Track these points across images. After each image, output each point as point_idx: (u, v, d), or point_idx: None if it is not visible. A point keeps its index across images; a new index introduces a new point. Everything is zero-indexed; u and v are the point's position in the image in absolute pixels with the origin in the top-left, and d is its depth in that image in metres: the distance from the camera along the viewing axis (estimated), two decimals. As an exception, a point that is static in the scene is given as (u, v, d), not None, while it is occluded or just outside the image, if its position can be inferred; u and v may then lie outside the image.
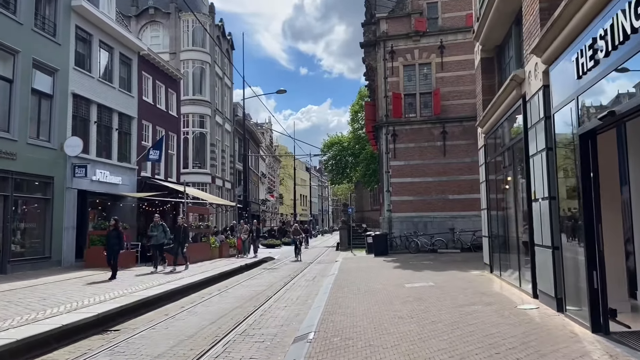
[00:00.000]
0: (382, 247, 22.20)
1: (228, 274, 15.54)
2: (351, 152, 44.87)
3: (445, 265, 15.76)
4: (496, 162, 11.54)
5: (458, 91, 24.63)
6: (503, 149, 10.47)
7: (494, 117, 10.86)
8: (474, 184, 24.12)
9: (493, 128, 11.42)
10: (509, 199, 10.66)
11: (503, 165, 10.98)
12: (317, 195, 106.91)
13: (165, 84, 26.22)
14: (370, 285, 11.33)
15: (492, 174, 12.22)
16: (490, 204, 12.39)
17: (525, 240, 9.12)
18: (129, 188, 21.69)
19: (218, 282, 14.07)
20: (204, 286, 12.97)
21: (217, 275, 14.46)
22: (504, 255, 11.21)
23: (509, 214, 10.56)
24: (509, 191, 10.59)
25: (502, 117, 10.27)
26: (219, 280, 14.38)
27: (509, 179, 10.49)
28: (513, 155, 9.55)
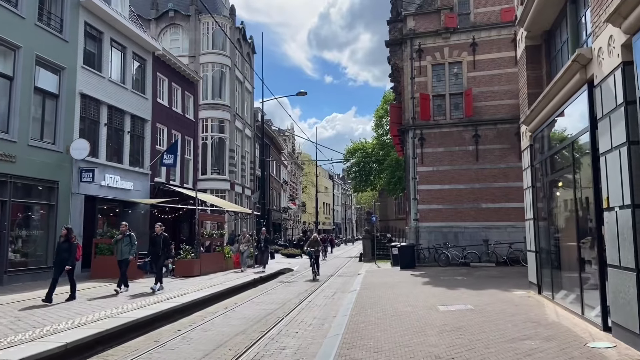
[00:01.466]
0: (409, 260, 20.54)
1: (238, 289, 14.15)
2: (375, 158, 43.23)
3: (482, 282, 14.03)
4: (547, 164, 9.86)
5: (492, 91, 22.86)
6: (557, 148, 8.80)
7: (544, 111, 9.21)
8: (510, 191, 22.32)
9: (543, 125, 9.76)
10: (564, 208, 8.98)
11: (556, 169, 9.30)
12: (340, 204, 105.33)
13: (182, 86, 25.24)
14: (397, 307, 9.76)
15: (540, 179, 10.53)
16: (538, 214, 10.68)
17: (589, 259, 7.45)
18: (141, 194, 20.63)
19: (227, 298, 12.69)
20: (210, 303, 11.61)
21: (226, 291, 13.07)
22: (557, 273, 9.50)
23: (566, 226, 8.87)
24: (565, 198, 8.91)
25: (556, 110, 8.63)
26: (228, 295, 13.00)
27: (564, 184, 8.82)
28: (572, 155, 7.89)
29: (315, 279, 17.40)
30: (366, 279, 16.22)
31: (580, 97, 7.34)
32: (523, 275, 16.10)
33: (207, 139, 32.03)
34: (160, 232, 13.33)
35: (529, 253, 11.38)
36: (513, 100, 22.46)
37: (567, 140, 8.07)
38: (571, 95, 7.68)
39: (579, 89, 7.30)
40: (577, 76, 7.09)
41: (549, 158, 9.66)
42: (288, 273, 20.98)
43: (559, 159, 9.04)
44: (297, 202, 67.87)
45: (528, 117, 10.53)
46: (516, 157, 22.18)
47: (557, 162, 9.18)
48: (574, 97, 7.62)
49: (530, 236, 11.18)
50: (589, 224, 7.45)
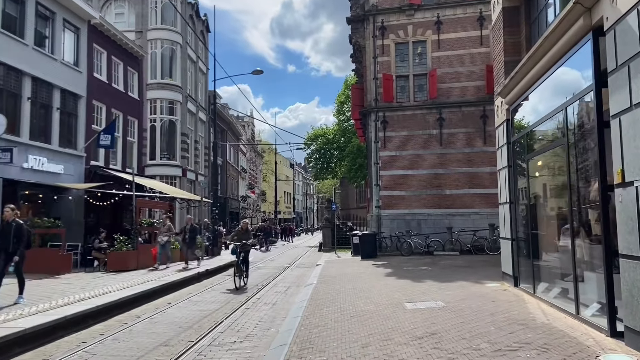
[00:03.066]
0: (370, 249, 19.27)
1: (178, 285, 12.40)
2: (336, 145, 41.89)
3: (449, 273, 12.84)
4: (529, 139, 8.60)
5: (457, 73, 21.76)
6: (546, 118, 7.51)
7: (528, 76, 7.91)
8: (474, 177, 21.38)
9: (525, 93, 8.47)
10: (553, 188, 7.75)
11: (542, 143, 8.05)
12: (301, 193, 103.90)
13: (124, 61, 22.91)
14: (358, 305, 8.33)
15: (519, 157, 9.30)
16: (516, 197, 9.46)
17: (587, 247, 6.22)
18: (73, 178, 18.39)
19: (162, 296, 10.96)
20: (139, 303, 9.85)
21: (161, 288, 11.31)
22: (540, 265, 8.29)
23: (554, 209, 7.64)
24: (553, 177, 7.67)
25: (545, 71, 7.32)
26: (164, 293, 11.25)
27: (552, 161, 7.58)
28: (566, 125, 6.60)
29: (239, 288, 11.69)
30: (325, 271, 14.80)
31: (581, 50, 6.03)
32: (491, 264, 15.10)
33: (155, 121, 29.62)
34: (12, 218, 8.90)
35: (504, 241, 10.19)
36: (478, 82, 21.46)
37: (560, 108, 6.77)
38: (568, 49, 6.36)
39: (580, 39, 5.98)
40: (580, 22, 5.75)
41: (531, 132, 8.40)
42: (240, 265, 19.29)
43: (546, 131, 7.77)
44: (257, 191, 65.86)
45: (505, 87, 9.25)
46: (481, 142, 21.26)
47: (544, 135, 7.91)
48: (572, 52, 6.31)
49: (506, 222, 9.97)
50: (588, 205, 6.19)
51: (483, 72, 21.21)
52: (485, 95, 21.18)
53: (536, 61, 7.30)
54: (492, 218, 20.16)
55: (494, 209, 21.20)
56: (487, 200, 20.89)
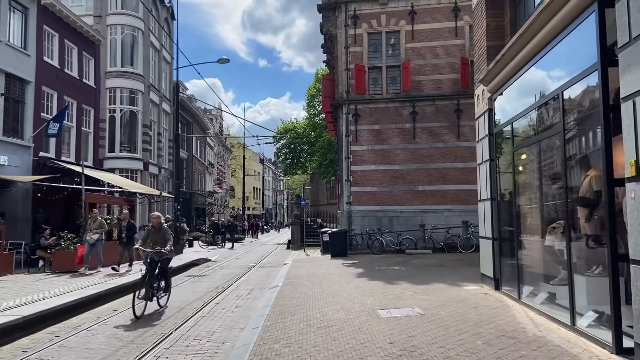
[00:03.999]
0: (341, 247, 18.44)
1: (131, 287, 11.24)
2: (307, 140, 40.99)
3: (423, 274, 12.12)
4: (517, 129, 7.86)
5: (431, 65, 21.12)
6: (537, 104, 6.76)
7: (518, 58, 7.16)
8: (447, 173, 20.81)
9: (512, 79, 7.73)
10: (543, 182, 7.03)
11: (531, 133, 7.32)
12: (271, 189, 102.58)
13: (79, 46, 21.34)
14: (327, 313, 7.45)
15: (503, 150, 8.59)
16: (498, 192, 8.74)
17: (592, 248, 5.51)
18: (20, 170, 16.90)
19: (109, 301, 9.83)
20: (80, 310, 8.72)
21: (109, 292, 10.16)
22: (525, 267, 7.59)
23: (545, 206, 6.93)
24: (544, 170, 6.95)
25: (538, 51, 6.56)
26: (112, 297, 10.12)
27: (543, 152, 6.86)
28: (562, 110, 5.86)
29: (139, 317, 7.98)
30: (292, 271, 13.89)
31: (583, 24, 5.27)
32: (466, 263, 14.48)
33: (115, 111, 27.98)
34: None
35: (483, 241, 9.49)
36: (453, 75, 20.90)
37: (555, 92, 6.03)
38: (566, 25, 5.61)
39: (582, 12, 5.22)
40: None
41: (518, 121, 7.67)
42: (203, 264, 18.19)
43: (537, 119, 7.03)
44: (225, 186, 64.30)
45: (489, 73, 8.51)
46: (454, 136, 20.73)
47: (534, 124, 7.18)
48: (571, 28, 5.55)
49: (486, 220, 9.26)
50: (588, 201, 5.46)
51: (458, 65, 20.65)
52: (460, 88, 20.64)
53: (527, 40, 6.54)
54: (465, 215, 19.66)
55: (467, 205, 20.76)
56: (460, 197, 20.39)
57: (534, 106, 6.85)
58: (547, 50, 6.34)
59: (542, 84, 6.72)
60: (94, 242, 13.52)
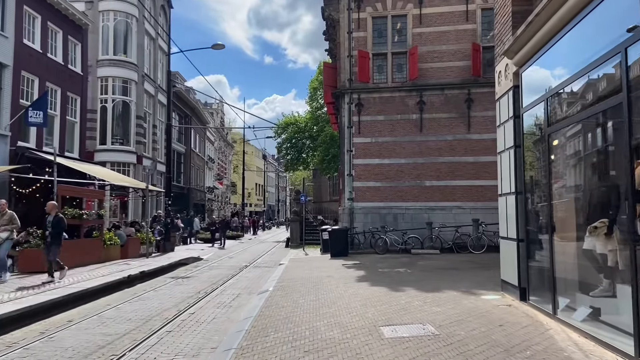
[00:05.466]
0: (341, 246, 17.07)
1: (100, 291, 9.92)
2: (309, 134, 39.58)
3: (432, 278, 10.73)
4: (554, 106, 6.44)
5: (439, 51, 19.67)
6: (590, 68, 5.31)
7: (556, 17, 5.75)
8: (457, 167, 19.37)
9: (548, 43, 6.31)
10: (588, 171, 5.63)
11: (581, 109, 5.90)
12: (274, 185, 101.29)
13: (64, 29, 20.02)
14: (319, 329, 6.08)
15: (534, 133, 7.18)
16: (525, 185, 7.33)
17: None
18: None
19: (71, 308, 8.50)
20: (28, 321, 7.39)
21: (72, 297, 8.84)
22: (562, 275, 6.19)
23: (594, 199, 5.53)
24: (592, 156, 5.54)
25: (583, 7, 5.14)
26: (73, 304, 8.78)
27: (596, 131, 5.45)
28: (626, 77, 4.44)
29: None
30: (287, 273, 12.55)
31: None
32: (479, 266, 13.09)
33: (107, 101, 26.66)
34: None
35: (505, 242, 8.08)
36: (463, 62, 19.45)
37: (613, 51, 4.61)
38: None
39: None
40: None
41: (559, 95, 6.23)
42: (192, 264, 16.85)
43: (582, 91, 5.61)
44: (225, 182, 62.98)
45: (516, 42, 7.09)
46: (465, 128, 19.31)
47: (578, 97, 5.75)
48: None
49: (509, 218, 7.85)
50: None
51: (469, 51, 19.19)
52: (471, 77, 19.20)
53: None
54: (475, 213, 18.28)
55: (478, 202, 19.33)
56: (470, 193, 18.99)
57: (580, 74, 5.42)
58: (596, 3, 4.93)
59: (589, 47, 5.31)
60: (2, 242, 10.60)
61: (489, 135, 18.87)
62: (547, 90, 6.43)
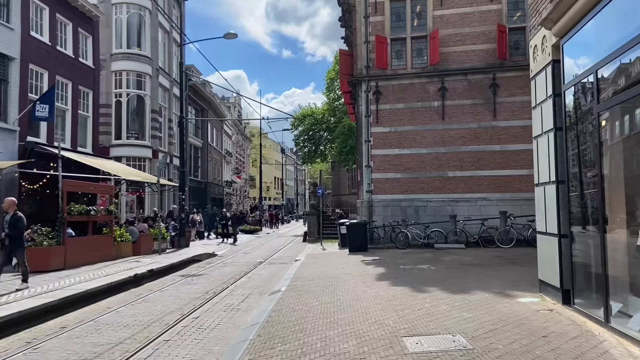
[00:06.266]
0: (360, 241, 16.30)
1: (104, 292, 9.34)
2: (326, 126, 38.80)
3: (459, 276, 9.87)
4: (610, 78, 5.51)
5: (462, 34, 18.60)
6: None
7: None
8: (482, 156, 18.33)
9: (597, 7, 5.38)
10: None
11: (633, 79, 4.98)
12: (292, 179, 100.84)
13: (75, 21, 19.54)
14: (332, 340, 5.32)
15: (581, 113, 6.26)
16: (579, 173, 6.42)
17: None
18: (3, 157, 15.21)
19: (67, 312, 7.92)
20: (16, 329, 6.81)
21: (70, 300, 8.24)
22: (615, 276, 5.29)
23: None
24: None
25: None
26: (72, 307, 8.20)
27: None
28: None
29: None
30: (302, 270, 11.82)
31: None
32: (509, 262, 12.16)
33: (121, 95, 26.31)
34: None
35: (544, 238, 7.18)
36: (488, 44, 18.36)
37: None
38: None
39: None
40: None
41: (614, 65, 5.30)
42: (206, 260, 16.27)
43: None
44: (244, 176, 62.64)
45: (556, 8, 6.15)
46: (490, 115, 18.25)
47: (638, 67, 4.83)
48: None
49: (548, 211, 6.95)
50: None
51: (494, 34, 18.08)
52: (496, 60, 18.10)
53: None
54: (503, 204, 17.28)
55: (505, 193, 18.28)
56: (496, 184, 17.97)
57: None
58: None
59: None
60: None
61: (517, 122, 17.84)
62: (598, 61, 5.49)
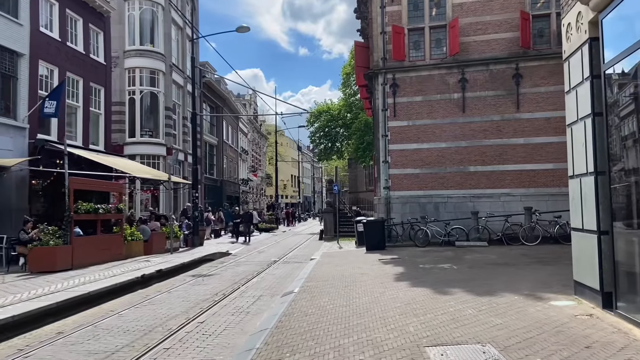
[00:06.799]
0: (377, 239, 15.70)
1: (106, 294, 8.92)
2: (342, 122, 38.13)
3: (484, 276, 9.22)
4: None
5: (483, 23, 17.82)
6: None
7: None
8: (505, 150, 17.53)
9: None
10: None
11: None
12: (309, 176, 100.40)
13: (85, 17, 19.28)
14: (347, 350, 4.76)
15: (623, 93, 5.59)
16: (610, 164, 5.74)
17: None
18: (12, 154, 15.00)
19: (65, 317, 7.51)
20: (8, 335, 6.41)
21: (69, 303, 7.83)
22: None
23: None
24: None
25: None
26: (72, 311, 7.79)
27: None
28: None
29: None
30: (317, 270, 11.29)
31: None
32: (535, 260, 11.46)
33: (134, 93, 26.09)
34: None
35: (580, 235, 6.50)
36: (510, 33, 17.55)
37: None
38: None
39: None
40: None
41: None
42: (218, 260, 15.84)
43: None
44: (260, 174, 62.36)
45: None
46: (513, 107, 17.45)
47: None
48: None
49: (585, 205, 6.28)
50: None
51: (516, 21, 17.27)
52: (519, 49, 17.29)
53: None
54: (527, 200, 16.52)
55: (530, 188, 17.45)
56: (520, 179, 17.19)
57: None
58: None
59: None
60: None
61: (541, 113, 17.03)
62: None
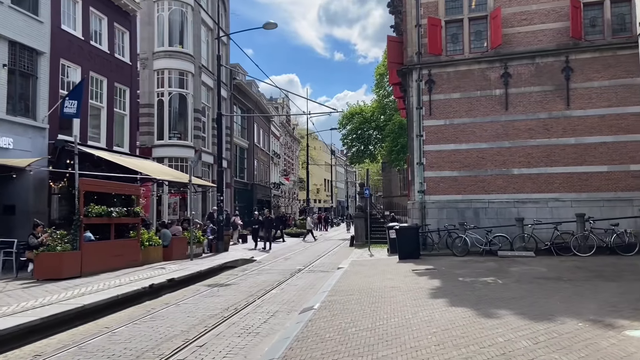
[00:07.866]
0: (411, 247, 14.44)
1: (108, 307, 8.07)
2: (375, 124, 36.85)
3: (537, 295, 7.87)
4: None
5: (529, 12, 16.32)
6: None
7: None
8: (554, 151, 15.92)
9: None
10: None
11: None
12: (343, 181, 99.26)
13: (110, 15, 18.87)
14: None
15: None
16: None
17: None
18: (31, 155, 14.51)
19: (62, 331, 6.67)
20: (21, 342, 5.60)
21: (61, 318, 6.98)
22: None
23: None
24: None
25: None
26: (67, 325, 6.95)
27: None
28: None
29: None
30: (343, 281, 10.19)
31: None
32: (594, 275, 9.96)
33: (163, 95, 25.72)
34: None
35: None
36: (559, 23, 16.00)
37: None
38: None
39: None
40: None
41: None
42: (241, 267, 14.92)
43: None
44: (292, 178, 61.65)
45: None
46: (562, 104, 15.87)
47: None
48: None
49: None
50: None
51: (566, 10, 15.70)
52: (570, 40, 15.72)
53: None
54: (579, 206, 14.90)
55: (582, 193, 15.70)
56: (571, 182, 15.58)
57: None
58: None
59: None
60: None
61: (594, 110, 15.40)
62: None
